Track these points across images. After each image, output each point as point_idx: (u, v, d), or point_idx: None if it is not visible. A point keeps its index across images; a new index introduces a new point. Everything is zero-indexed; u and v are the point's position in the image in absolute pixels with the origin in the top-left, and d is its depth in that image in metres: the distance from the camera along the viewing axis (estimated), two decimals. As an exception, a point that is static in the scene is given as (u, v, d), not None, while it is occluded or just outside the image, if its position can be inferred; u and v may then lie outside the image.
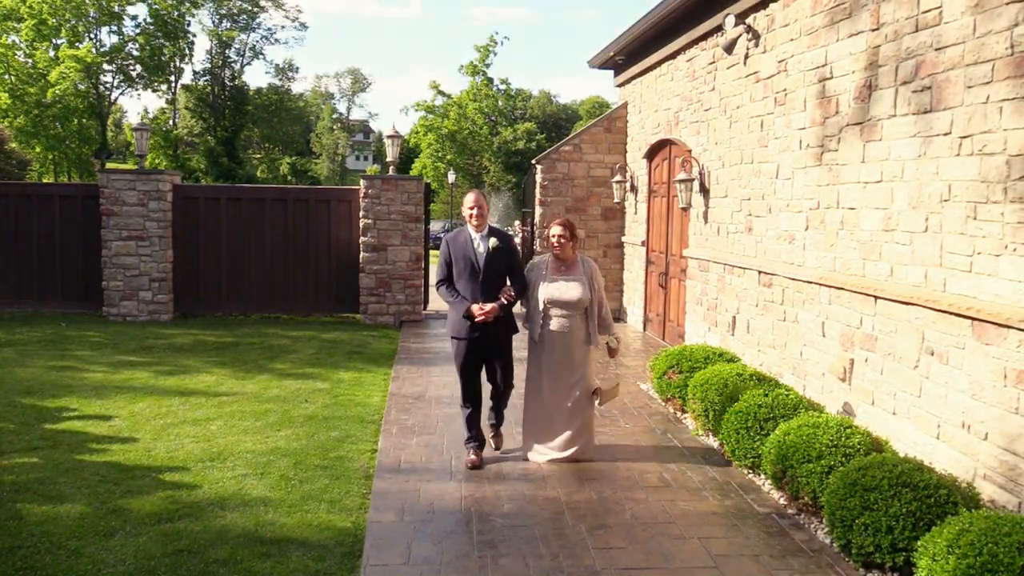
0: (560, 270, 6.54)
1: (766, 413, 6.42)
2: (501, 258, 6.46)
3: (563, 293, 6.45)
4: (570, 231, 6.55)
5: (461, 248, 6.48)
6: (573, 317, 6.48)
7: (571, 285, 6.47)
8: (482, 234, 6.49)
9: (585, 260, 6.64)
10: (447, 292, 6.54)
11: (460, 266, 6.46)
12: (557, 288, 6.47)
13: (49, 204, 13.73)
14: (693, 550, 5.02)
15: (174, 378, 9.41)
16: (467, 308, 6.37)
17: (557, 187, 14.54)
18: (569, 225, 6.57)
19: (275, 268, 13.88)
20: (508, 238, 6.64)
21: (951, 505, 4.59)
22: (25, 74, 47.57)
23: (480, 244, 6.46)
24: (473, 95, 53.99)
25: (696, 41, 10.62)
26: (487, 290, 6.40)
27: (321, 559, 4.77)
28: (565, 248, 6.53)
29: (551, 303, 6.47)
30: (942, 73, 5.51)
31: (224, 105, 68.22)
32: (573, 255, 6.62)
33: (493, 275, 6.42)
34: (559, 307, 6.46)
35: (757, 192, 8.57)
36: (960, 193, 5.32)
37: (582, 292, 6.44)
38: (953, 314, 5.32)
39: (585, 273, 6.53)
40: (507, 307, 6.43)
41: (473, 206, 6.51)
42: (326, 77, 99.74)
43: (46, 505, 5.49)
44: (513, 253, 6.64)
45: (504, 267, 6.50)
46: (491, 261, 6.42)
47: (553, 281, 6.49)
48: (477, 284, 6.40)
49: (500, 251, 6.45)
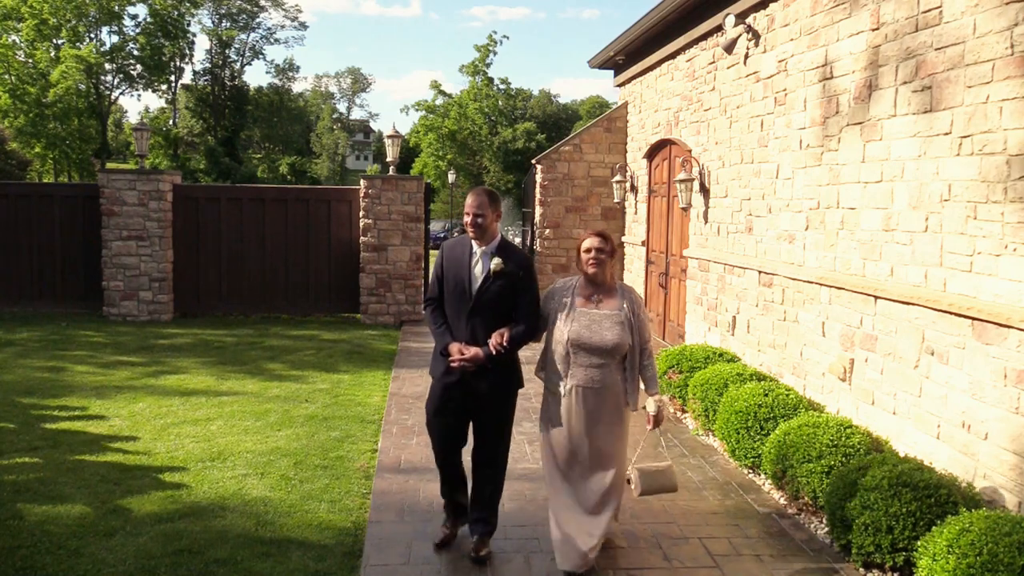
0: (591, 299, 4.70)
1: (766, 413, 6.42)
2: (506, 286, 4.71)
3: (595, 333, 4.59)
4: (610, 245, 4.74)
5: (456, 263, 4.83)
6: (607, 368, 4.61)
7: (606, 322, 4.61)
8: (486, 249, 4.78)
9: (625, 288, 4.81)
10: (431, 316, 4.93)
11: (450, 286, 4.81)
12: (587, 325, 4.61)
13: (49, 204, 13.73)
14: (693, 550, 5.02)
15: (174, 378, 9.41)
16: (446, 344, 4.77)
17: (557, 187, 14.54)
18: (607, 237, 4.75)
19: (275, 268, 13.88)
20: (523, 259, 4.87)
21: (951, 505, 4.59)
22: (25, 74, 47.57)
23: (480, 262, 4.76)
24: (473, 95, 54.00)
25: (696, 41, 10.62)
26: (478, 326, 4.71)
27: (321, 559, 4.77)
28: (603, 268, 4.70)
29: (578, 346, 4.60)
30: (942, 73, 5.51)
31: (224, 105, 68.25)
32: (611, 280, 4.79)
33: (489, 307, 4.70)
34: (588, 352, 4.60)
35: (757, 192, 8.57)
36: (960, 193, 5.32)
37: (620, 333, 4.60)
38: (953, 314, 5.32)
39: (627, 305, 4.70)
40: (496, 359, 4.65)
41: (470, 211, 4.75)
42: (326, 77, 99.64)
43: (46, 505, 5.50)
44: (526, 280, 4.79)
45: (508, 297, 4.72)
46: (489, 288, 4.71)
47: (581, 315, 4.65)
48: (464, 316, 4.73)
49: (505, 276, 4.71)
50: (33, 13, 48.51)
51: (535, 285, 4.86)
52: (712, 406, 7.24)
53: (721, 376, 7.37)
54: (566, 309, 4.70)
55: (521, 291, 4.75)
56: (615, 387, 4.68)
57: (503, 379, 4.79)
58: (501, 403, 4.85)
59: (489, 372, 4.69)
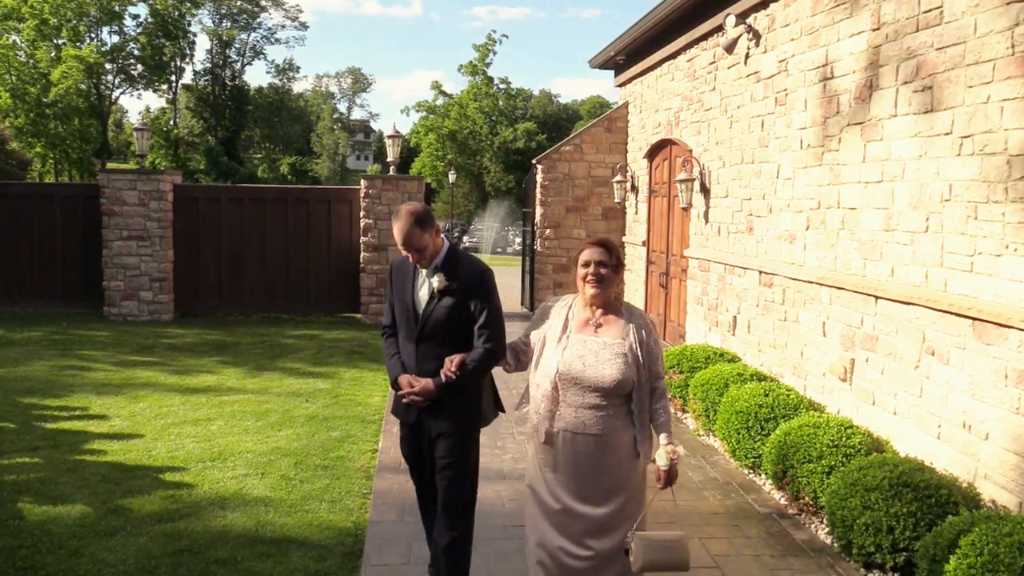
0: (589, 323, 3.74)
1: (767, 413, 6.42)
2: (456, 305, 3.99)
3: (589, 366, 3.63)
4: (615, 257, 3.76)
5: (401, 284, 4.18)
6: (605, 411, 3.62)
7: (605, 353, 3.65)
8: (430, 268, 4.06)
9: (633, 312, 3.84)
10: (384, 345, 4.30)
11: (398, 310, 4.19)
12: (580, 356, 3.65)
13: (50, 204, 13.74)
14: (694, 550, 5.00)
15: (175, 378, 9.41)
16: (395, 376, 4.14)
17: (558, 187, 14.54)
18: (611, 248, 3.78)
19: (276, 268, 13.88)
20: (473, 270, 4.07)
21: (952, 505, 4.59)
22: (26, 74, 47.60)
23: (425, 282, 4.08)
24: (473, 95, 54.05)
25: (697, 41, 10.61)
26: (427, 354, 4.03)
27: (322, 559, 4.77)
28: (607, 288, 3.73)
29: (568, 381, 3.65)
30: (943, 73, 5.51)
31: (224, 105, 68.27)
32: (615, 300, 3.84)
33: (438, 331, 4.00)
34: (581, 390, 3.63)
35: (758, 192, 8.57)
36: (961, 193, 5.31)
37: (622, 368, 3.61)
38: (954, 314, 5.32)
39: (633, 332, 3.71)
40: (450, 389, 3.94)
41: (398, 243, 3.99)
42: (327, 77, 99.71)
43: (47, 505, 5.50)
44: (479, 294, 4.00)
45: (459, 318, 3.99)
46: (434, 310, 4.02)
47: (575, 342, 3.70)
48: (413, 344, 4.08)
49: (451, 293, 3.99)
50: (34, 13, 48.54)
51: (492, 298, 4.03)
52: (713, 406, 7.24)
53: (722, 376, 7.37)
54: (558, 334, 3.73)
55: (475, 308, 3.98)
56: (616, 436, 3.64)
57: (461, 415, 4.04)
58: (458, 443, 4.03)
59: (447, 407, 3.99)
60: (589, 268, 3.70)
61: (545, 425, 3.68)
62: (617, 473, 3.65)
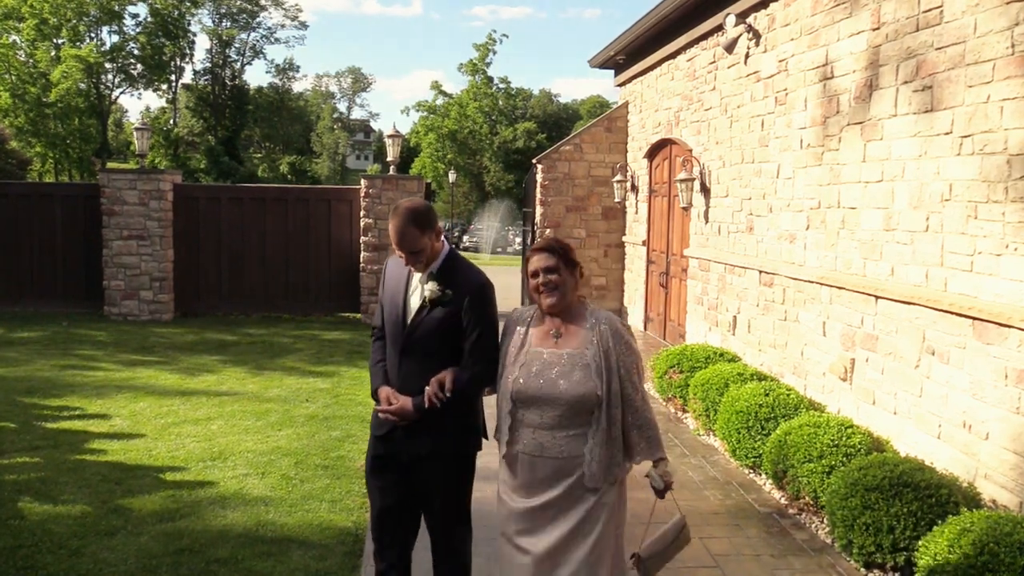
0: (550, 334, 3.35)
1: (767, 413, 6.42)
2: (447, 318, 3.55)
3: (547, 381, 3.24)
4: (563, 259, 3.35)
5: (394, 286, 3.74)
6: (567, 431, 3.24)
7: (566, 365, 3.26)
8: (425, 273, 3.61)
9: (600, 316, 3.37)
10: (372, 350, 3.88)
11: (388, 315, 3.74)
12: (537, 371, 3.28)
13: (50, 203, 13.75)
14: (694, 549, 5.01)
15: (175, 377, 9.41)
16: (375, 388, 3.71)
17: (558, 186, 14.53)
18: (560, 249, 3.38)
19: (276, 267, 13.88)
20: (471, 281, 3.60)
21: (952, 505, 4.59)
22: (26, 73, 47.61)
23: (418, 288, 3.64)
24: (473, 94, 54.03)
25: (697, 40, 10.61)
26: (410, 370, 3.59)
27: (322, 558, 4.77)
28: (563, 294, 3.34)
29: (525, 400, 3.28)
30: (943, 72, 5.51)
31: (224, 104, 68.26)
32: (576, 304, 3.41)
33: (423, 345, 3.58)
34: (539, 408, 3.26)
35: (758, 191, 8.57)
36: (961, 192, 5.32)
37: (583, 381, 3.22)
38: (954, 314, 5.32)
39: (597, 339, 3.30)
40: (429, 412, 3.46)
41: (394, 243, 3.55)
42: (327, 76, 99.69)
43: (47, 504, 5.50)
44: (475, 309, 3.54)
45: (449, 334, 3.55)
46: (423, 321, 3.58)
47: (533, 357, 3.33)
48: (397, 353, 3.65)
49: (444, 303, 3.55)
50: (33, 13, 48.55)
51: (489, 316, 3.58)
52: (713, 406, 7.24)
53: (722, 376, 7.37)
54: (516, 348, 3.38)
55: (468, 325, 3.53)
56: (586, 459, 3.22)
57: (446, 439, 3.56)
58: (448, 473, 3.59)
59: (428, 432, 3.52)
60: (539, 278, 3.33)
61: (504, 449, 3.37)
62: (581, 503, 3.22)
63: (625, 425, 3.30)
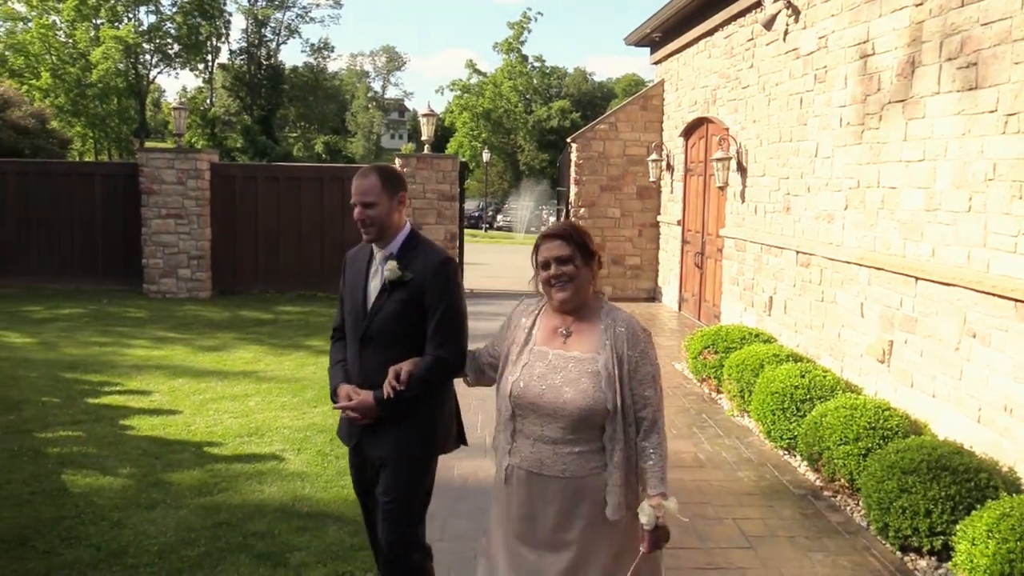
0: (558, 333, 2.93)
1: (803, 394, 6.37)
2: (409, 301, 3.30)
3: (551, 387, 2.84)
4: (579, 247, 2.88)
5: (354, 277, 3.55)
6: (575, 445, 2.83)
7: (573, 371, 2.84)
8: (384, 252, 3.43)
9: (617, 316, 2.93)
10: (331, 350, 3.69)
11: (347, 307, 3.54)
12: (541, 374, 2.87)
13: (90, 182, 13.98)
14: (728, 530, 5.01)
15: (213, 354, 9.55)
16: (335, 387, 3.46)
17: (592, 166, 14.46)
18: (576, 236, 2.91)
19: (311, 246, 14.00)
20: (434, 260, 3.35)
21: (991, 489, 4.53)
22: (66, 54, 48.19)
23: (378, 271, 3.42)
24: (508, 73, 53.75)
25: (735, 17, 10.46)
26: (371, 360, 3.35)
27: (356, 534, 4.82)
28: (581, 285, 2.90)
29: (526, 406, 2.88)
30: (988, 49, 5.38)
31: (260, 84, 68.55)
32: (592, 299, 2.96)
33: (384, 332, 3.33)
34: (540, 417, 2.86)
35: (795, 171, 8.45)
36: (1005, 172, 5.20)
37: (590, 390, 2.80)
38: (996, 296, 5.22)
39: (610, 343, 2.85)
40: (391, 405, 3.22)
41: (355, 199, 3.54)
42: (361, 56, 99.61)
43: (90, 477, 5.62)
44: (435, 287, 3.30)
45: (411, 318, 3.30)
46: (383, 306, 3.35)
47: (537, 357, 2.92)
48: (357, 344, 3.41)
49: (403, 287, 3.31)
50: (73, -7, 49.04)
51: (451, 294, 3.31)
52: (748, 387, 7.20)
53: (757, 357, 7.32)
54: (519, 347, 2.96)
55: (430, 306, 3.27)
56: (585, 483, 2.82)
57: (411, 438, 3.33)
58: (402, 470, 3.35)
59: (390, 428, 3.29)
60: (550, 269, 2.88)
61: (503, 460, 2.97)
62: (589, 530, 2.81)
63: (638, 447, 2.87)
